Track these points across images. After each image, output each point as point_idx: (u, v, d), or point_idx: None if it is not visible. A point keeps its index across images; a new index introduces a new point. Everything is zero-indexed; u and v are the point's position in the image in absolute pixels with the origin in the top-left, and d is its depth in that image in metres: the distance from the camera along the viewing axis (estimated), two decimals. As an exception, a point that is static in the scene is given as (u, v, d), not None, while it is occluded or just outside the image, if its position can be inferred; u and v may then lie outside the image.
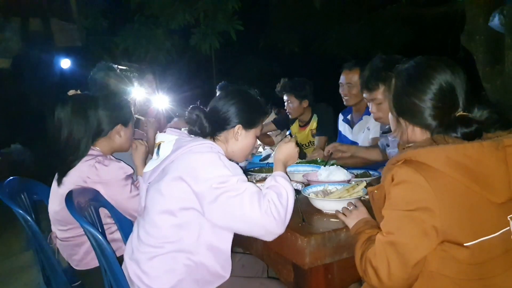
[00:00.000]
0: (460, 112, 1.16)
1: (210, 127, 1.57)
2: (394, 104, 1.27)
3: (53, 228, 1.86)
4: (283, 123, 3.87)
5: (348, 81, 2.83)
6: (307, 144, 3.57)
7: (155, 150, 1.58)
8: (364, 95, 2.11)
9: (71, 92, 1.98)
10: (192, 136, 1.58)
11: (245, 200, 1.34)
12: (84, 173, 1.73)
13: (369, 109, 2.16)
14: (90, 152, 1.80)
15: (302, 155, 2.47)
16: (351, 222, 1.33)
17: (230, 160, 1.50)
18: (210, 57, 7.34)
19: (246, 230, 1.38)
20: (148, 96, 3.14)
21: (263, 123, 1.70)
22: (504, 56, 4.09)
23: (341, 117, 3.12)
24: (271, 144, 3.84)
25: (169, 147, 1.50)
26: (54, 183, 1.83)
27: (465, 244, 1.06)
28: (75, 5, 6.86)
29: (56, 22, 7.81)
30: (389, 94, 1.29)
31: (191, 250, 1.42)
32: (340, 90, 2.92)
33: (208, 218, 1.39)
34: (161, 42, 6.70)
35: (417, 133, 1.23)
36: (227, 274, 1.48)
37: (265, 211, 1.32)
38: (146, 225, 1.47)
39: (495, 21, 4.06)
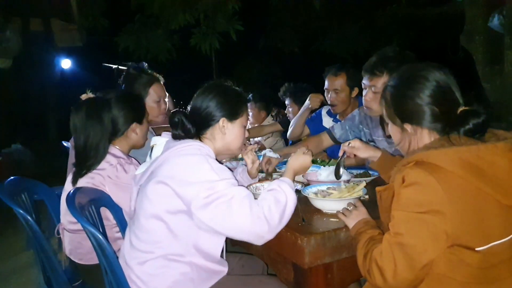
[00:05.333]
0: (462, 108, 1.16)
1: (194, 127, 1.54)
2: (397, 112, 1.25)
3: (63, 219, 1.86)
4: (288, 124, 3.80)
5: (335, 87, 2.74)
6: None
7: (149, 153, 1.58)
8: (364, 81, 2.04)
9: (84, 96, 1.99)
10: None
11: (234, 207, 1.30)
12: (106, 172, 1.78)
13: (363, 97, 2.07)
14: (113, 151, 1.85)
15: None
16: (351, 222, 1.33)
17: (222, 159, 1.47)
18: (210, 57, 7.35)
19: (237, 235, 1.36)
20: None
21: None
22: (503, 56, 4.10)
23: (327, 116, 3.00)
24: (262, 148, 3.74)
25: (160, 150, 1.50)
26: (68, 180, 1.86)
27: (476, 249, 1.05)
28: (76, 5, 6.87)
29: (56, 22, 7.83)
30: (388, 107, 1.28)
31: (181, 253, 1.41)
32: (327, 97, 2.82)
33: (196, 223, 1.36)
34: (162, 42, 6.71)
35: (424, 136, 1.20)
36: (224, 268, 1.48)
37: (257, 216, 1.29)
38: (136, 230, 1.46)
39: (495, 21, 4.08)
